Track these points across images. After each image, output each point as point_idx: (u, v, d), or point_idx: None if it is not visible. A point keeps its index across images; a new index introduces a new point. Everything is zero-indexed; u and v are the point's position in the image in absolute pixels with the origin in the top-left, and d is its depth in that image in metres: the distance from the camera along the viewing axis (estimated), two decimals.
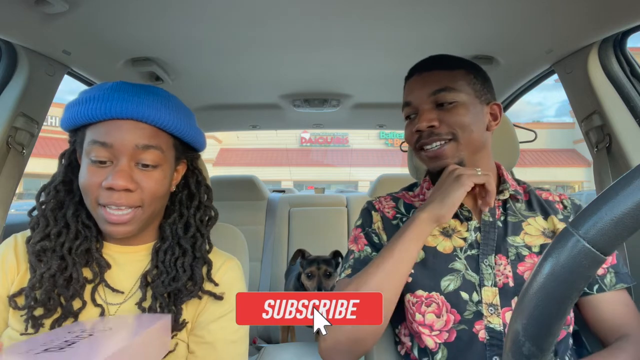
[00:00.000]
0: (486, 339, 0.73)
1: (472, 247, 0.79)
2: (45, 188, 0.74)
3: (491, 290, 0.75)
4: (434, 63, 0.84)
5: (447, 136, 0.79)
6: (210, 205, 0.83)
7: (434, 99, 0.80)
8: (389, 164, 16.98)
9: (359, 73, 1.46)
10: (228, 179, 2.63)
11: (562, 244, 0.33)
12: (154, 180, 0.69)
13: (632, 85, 1.10)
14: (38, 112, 1.16)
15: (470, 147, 0.80)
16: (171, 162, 0.74)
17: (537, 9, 0.94)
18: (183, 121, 0.73)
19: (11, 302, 0.68)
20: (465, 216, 0.82)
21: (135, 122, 0.68)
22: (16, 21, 0.94)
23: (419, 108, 0.82)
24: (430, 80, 0.81)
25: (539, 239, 0.80)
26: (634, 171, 0.31)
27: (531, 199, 0.86)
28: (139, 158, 0.68)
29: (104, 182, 0.66)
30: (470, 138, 0.79)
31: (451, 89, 0.79)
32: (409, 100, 0.84)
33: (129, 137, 0.67)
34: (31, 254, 0.69)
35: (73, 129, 0.72)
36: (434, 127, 0.79)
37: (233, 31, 1.08)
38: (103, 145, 0.66)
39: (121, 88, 0.69)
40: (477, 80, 0.82)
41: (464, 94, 0.79)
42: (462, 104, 0.79)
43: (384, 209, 0.90)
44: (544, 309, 0.33)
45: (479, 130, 0.80)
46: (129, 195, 0.67)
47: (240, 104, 1.84)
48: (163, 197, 0.73)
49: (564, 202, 0.86)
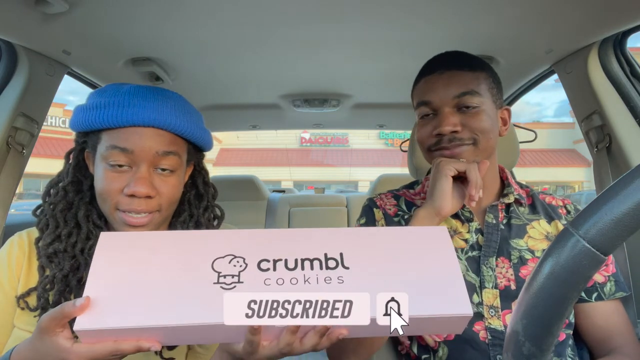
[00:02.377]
0: (488, 339, 0.73)
1: (473, 248, 0.79)
2: (51, 187, 0.74)
3: (492, 292, 0.75)
4: (457, 62, 0.80)
5: (469, 141, 0.77)
6: (216, 205, 0.83)
7: (457, 101, 0.77)
8: (389, 164, 16.99)
9: (359, 73, 1.46)
10: (228, 179, 2.63)
11: (562, 244, 0.33)
12: (172, 185, 0.70)
13: (632, 85, 1.10)
14: (38, 112, 1.16)
15: (486, 152, 0.79)
16: (184, 166, 0.75)
17: (537, 9, 0.94)
18: (197, 125, 0.74)
19: (21, 302, 0.67)
20: (467, 217, 0.82)
21: (155, 130, 0.68)
22: (16, 21, 0.94)
23: (440, 109, 0.78)
24: (454, 81, 0.77)
25: (542, 242, 0.79)
26: (634, 171, 0.31)
27: (535, 202, 0.85)
28: (158, 164, 0.68)
29: (125, 189, 0.66)
30: (488, 144, 0.78)
31: (476, 93, 0.76)
32: (429, 100, 0.79)
33: (149, 144, 0.67)
34: (43, 256, 0.69)
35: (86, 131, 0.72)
36: (456, 132, 0.76)
37: (233, 31, 1.08)
38: (123, 151, 0.66)
39: (138, 93, 0.69)
40: (494, 84, 0.81)
41: (486, 99, 0.78)
42: (483, 109, 0.77)
43: (385, 205, 0.90)
44: (544, 309, 0.33)
45: (495, 136, 0.79)
46: (149, 202, 0.67)
47: (240, 104, 1.85)
48: (177, 201, 0.75)
49: (568, 207, 0.86)
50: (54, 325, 0.47)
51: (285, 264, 0.50)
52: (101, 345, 0.46)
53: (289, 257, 0.51)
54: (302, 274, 0.50)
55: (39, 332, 0.48)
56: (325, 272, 0.50)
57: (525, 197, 0.86)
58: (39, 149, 9.11)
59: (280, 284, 0.49)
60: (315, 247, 0.52)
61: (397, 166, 14.55)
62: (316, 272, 0.50)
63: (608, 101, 1.09)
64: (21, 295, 0.68)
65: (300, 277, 0.49)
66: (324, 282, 0.49)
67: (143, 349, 0.47)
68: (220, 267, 0.50)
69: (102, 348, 0.46)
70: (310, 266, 0.50)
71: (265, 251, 0.51)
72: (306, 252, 0.51)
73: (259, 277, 0.49)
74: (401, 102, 1.81)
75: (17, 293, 0.68)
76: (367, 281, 0.50)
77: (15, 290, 0.69)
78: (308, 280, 0.49)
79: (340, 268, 0.50)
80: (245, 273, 0.49)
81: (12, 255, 0.71)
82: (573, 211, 0.85)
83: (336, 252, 0.52)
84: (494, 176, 0.84)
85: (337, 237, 0.54)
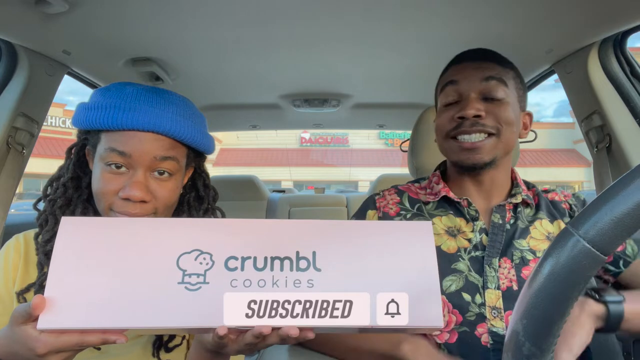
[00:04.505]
0: (490, 344, 0.72)
1: (477, 248, 0.78)
2: (52, 182, 0.74)
3: (494, 293, 0.74)
4: (488, 55, 0.80)
5: (492, 129, 0.75)
6: (217, 208, 0.83)
7: (485, 86, 0.76)
8: (389, 164, 16.98)
9: (359, 73, 1.46)
10: (228, 179, 2.63)
11: (562, 244, 0.33)
12: (168, 190, 0.70)
13: (632, 85, 1.10)
14: (38, 112, 1.16)
15: (507, 147, 0.78)
16: (183, 170, 0.74)
17: (537, 9, 0.94)
18: (199, 131, 0.73)
19: (20, 298, 0.68)
20: (472, 216, 0.80)
21: (155, 135, 0.67)
22: (16, 21, 0.94)
23: (465, 93, 0.77)
24: (483, 67, 0.78)
25: (543, 243, 0.79)
26: (634, 171, 0.31)
27: (540, 201, 0.85)
28: (156, 167, 0.68)
29: (120, 193, 0.66)
30: (510, 138, 0.77)
31: (503, 83, 0.76)
32: (456, 79, 0.78)
33: (148, 149, 0.67)
34: (41, 253, 0.69)
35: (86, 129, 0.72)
36: (479, 117, 0.75)
37: (233, 31, 1.08)
38: (121, 154, 0.66)
39: (141, 97, 0.69)
40: (521, 85, 0.81)
41: (512, 94, 0.78)
42: (508, 102, 0.76)
43: (386, 204, 0.88)
44: (544, 309, 0.33)
45: (516, 133, 0.79)
46: (144, 206, 0.67)
47: (240, 104, 1.85)
48: (174, 205, 0.74)
49: (569, 202, 0.85)
50: (22, 320, 0.48)
51: (254, 262, 0.49)
52: (67, 337, 0.47)
53: (259, 255, 0.49)
54: (270, 276, 0.48)
55: (12, 321, 0.50)
56: (295, 274, 0.48)
57: (532, 196, 0.85)
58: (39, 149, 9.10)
59: (247, 286, 0.48)
60: (287, 242, 0.50)
61: (397, 166, 14.55)
62: (285, 274, 0.48)
63: (608, 101, 1.09)
64: (20, 291, 0.68)
65: (268, 279, 0.48)
66: (293, 286, 0.48)
67: (109, 342, 0.48)
68: (185, 265, 0.48)
69: (67, 340, 0.47)
70: (280, 266, 0.49)
71: (234, 246, 0.49)
72: (277, 249, 0.50)
73: (225, 277, 0.48)
74: (401, 102, 1.81)
75: (13, 294, 0.69)
76: (336, 287, 0.48)
77: (10, 293, 0.69)
78: (276, 283, 0.48)
79: (312, 270, 0.49)
80: (211, 272, 0.48)
81: (9, 258, 0.71)
82: (574, 203, 0.85)
83: (309, 251, 0.50)
84: (506, 176, 0.83)
85: (312, 230, 0.51)
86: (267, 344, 0.50)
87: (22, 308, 0.48)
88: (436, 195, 0.85)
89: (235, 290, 0.47)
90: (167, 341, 0.71)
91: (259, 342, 0.49)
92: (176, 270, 0.48)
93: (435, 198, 0.84)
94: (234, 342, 0.50)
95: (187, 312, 0.47)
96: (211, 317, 0.47)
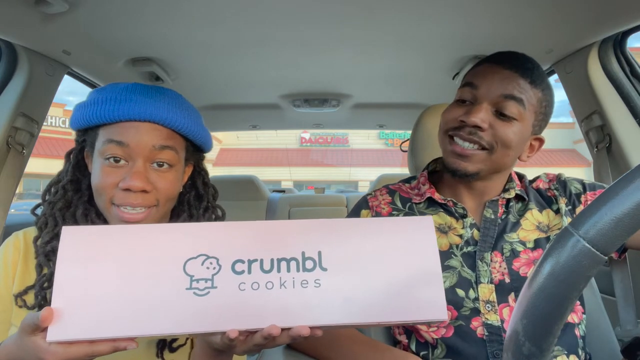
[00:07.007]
0: (485, 335, 0.73)
1: (469, 244, 0.79)
2: (51, 186, 0.74)
3: (487, 287, 0.75)
4: (526, 69, 0.76)
5: (486, 145, 0.75)
6: (217, 205, 0.83)
7: (501, 101, 0.74)
8: (389, 164, 16.99)
9: (359, 73, 1.46)
10: (228, 179, 2.63)
11: (562, 244, 0.33)
12: (169, 181, 0.70)
13: (632, 85, 1.10)
14: (38, 112, 1.16)
15: (496, 166, 0.77)
16: (182, 163, 0.74)
17: (537, 9, 0.94)
18: (195, 123, 0.74)
19: (19, 300, 0.67)
20: (460, 214, 0.82)
21: (152, 124, 0.68)
22: (16, 21, 0.94)
23: (480, 99, 0.76)
24: (509, 81, 0.74)
25: (533, 233, 0.80)
26: (634, 171, 0.31)
27: (528, 193, 0.85)
28: (155, 158, 0.68)
29: (120, 183, 0.66)
30: (502, 159, 0.76)
31: (521, 103, 0.73)
32: (476, 83, 0.77)
33: (146, 138, 0.67)
34: (41, 254, 0.69)
35: (84, 128, 0.72)
36: (480, 129, 0.74)
37: (233, 31, 1.08)
38: (119, 144, 0.66)
39: (136, 90, 0.69)
40: (545, 110, 0.78)
41: (526, 115, 0.75)
42: (517, 125, 0.74)
43: (379, 205, 0.88)
44: (544, 309, 0.33)
45: (513, 155, 0.77)
46: (145, 196, 0.67)
47: (240, 104, 1.85)
48: (175, 198, 0.74)
49: (553, 188, 0.85)
50: (31, 330, 0.47)
51: (260, 265, 0.49)
52: (77, 347, 0.47)
53: (265, 257, 0.49)
54: (278, 277, 0.48)
55: (21, 331, 0.49)
56: (302, 275, 0.49)
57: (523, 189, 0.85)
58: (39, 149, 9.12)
59: (255, 289, 0.48)
60: (293, 243, 0.50)
61: (397, 166, 14.55)
62: (292, 275, 0.49)
63: (608, 101, 1.09)
64: (19, 294, 0.68)
65: (276, 281, 0.48)
66: (300, 286, 0.48)
67: (120, 349, 0.47)
68: (192, 270, 0.48)
69: (77, 350, 0.47)
70: (287, 268, 0.49)
71: (240, 249, 0.50)
72: (283, 251, 0.50)
73: (233, 281, 0.48)
74: (401, 102, 1.81)
75: (12, 293, 0.68)
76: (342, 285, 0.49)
77: (10, 291, 0.69)
78: (284, 285, 0.48)
79: (318, 270, 0.49)
80: (219, 277, 0.48)
81: (8, 256, 0.71)
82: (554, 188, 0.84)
83: (314, 251, 0.50)
84: (500, 184, 0.83)
85: (316, 230, 0.51)
86: (277, 344, 0.50)
87: (31, 319, 0.47)
88: (422, 196, 0.86)
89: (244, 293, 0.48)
90: (171, 342, 0.71)
91: (268, 342, 0.49)
92: (183, 276, 0.48)
93: (421, 199, 0.86)
94: (243, 343, 0.50)
95: (197, 317, 0.46)
96: (221, 321, 0.47)
